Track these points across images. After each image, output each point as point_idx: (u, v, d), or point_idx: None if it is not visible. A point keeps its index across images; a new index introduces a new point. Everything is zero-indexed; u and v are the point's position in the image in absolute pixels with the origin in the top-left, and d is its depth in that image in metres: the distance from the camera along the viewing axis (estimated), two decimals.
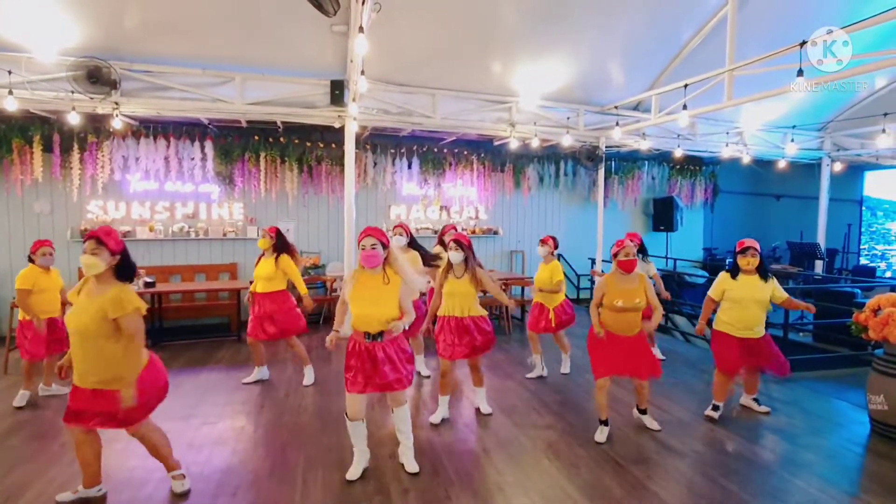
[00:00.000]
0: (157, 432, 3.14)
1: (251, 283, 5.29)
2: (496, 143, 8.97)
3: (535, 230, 10.04)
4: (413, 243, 5.36)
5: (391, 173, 8.71)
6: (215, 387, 5.16)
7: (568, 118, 7.96)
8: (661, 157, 10.44)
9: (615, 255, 3.99)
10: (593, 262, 9.26)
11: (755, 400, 4.67)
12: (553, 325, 5.36)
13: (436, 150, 9.05)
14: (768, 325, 4.39)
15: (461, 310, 4.21)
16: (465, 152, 9.20)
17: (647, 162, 10.44)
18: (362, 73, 5.05)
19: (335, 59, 6.46)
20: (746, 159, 9.42)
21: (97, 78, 5.74)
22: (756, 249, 4.25)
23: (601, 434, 3.99)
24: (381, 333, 3.23)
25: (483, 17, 6.01)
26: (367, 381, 3.24)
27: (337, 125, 7.00)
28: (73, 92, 5.81)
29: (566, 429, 4.21)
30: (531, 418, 4.44)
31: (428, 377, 5.53)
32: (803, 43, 4.62)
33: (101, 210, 7.62)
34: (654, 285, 5.75)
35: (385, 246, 3.29)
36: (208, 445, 3.88)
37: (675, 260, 10.52)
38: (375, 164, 8.65)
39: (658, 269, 10.08)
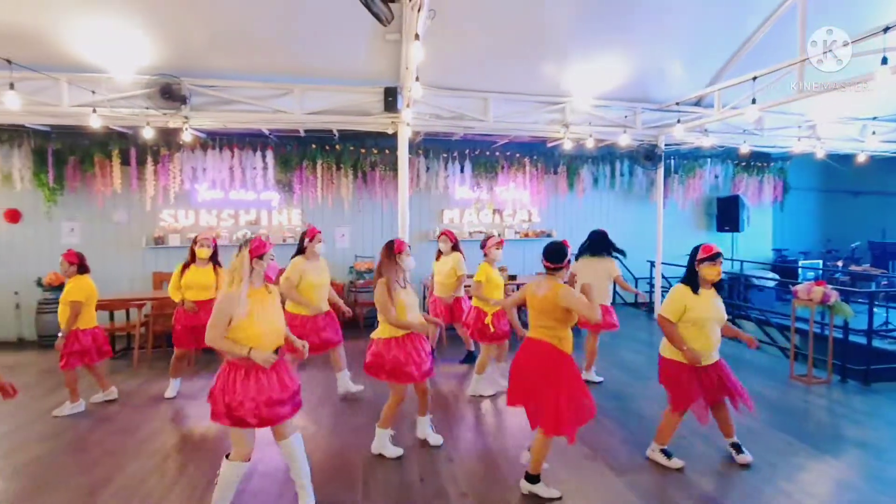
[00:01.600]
0: None
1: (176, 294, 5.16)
2: (549, 145, 8.84)
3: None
4: (456, 247, 5.76)
5: (444, 177, 8.76)
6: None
7: (626, 116, 7.72)
8: (725, 154, 9.94)
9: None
10: (652, 264, 8.94)
11: (736, 446, 3.70)
12: (491, 332, 4.94)
13: (488, 152, 9.03)
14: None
15: None
16: (518, 154, 9.12)
17: (709, 159, 9.97)
18: (416, 79, 5.10)
19: (388, 66, 6.58)
20: (820, 154, 8.80)
21: (169, 94, 6.11)
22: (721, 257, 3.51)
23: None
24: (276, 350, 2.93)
25: (534, 17, 5.94)
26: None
27: (390, 131, 7.11)
28: (147, 108, 6.21)
29: (627, 437, 4.07)
30: (589, 425, 4.31)
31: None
32: (887, 29, 4.27)
33: (173, 218, 8.10)
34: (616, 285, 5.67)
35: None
36: (272, 444, 4.01)
37: (741, 262, 9.98)
38: (428, 168, 8.73)
39: (725, 272, 9.68)
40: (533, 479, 3.25)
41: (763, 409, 4.63)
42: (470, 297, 5.48)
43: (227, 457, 2.91)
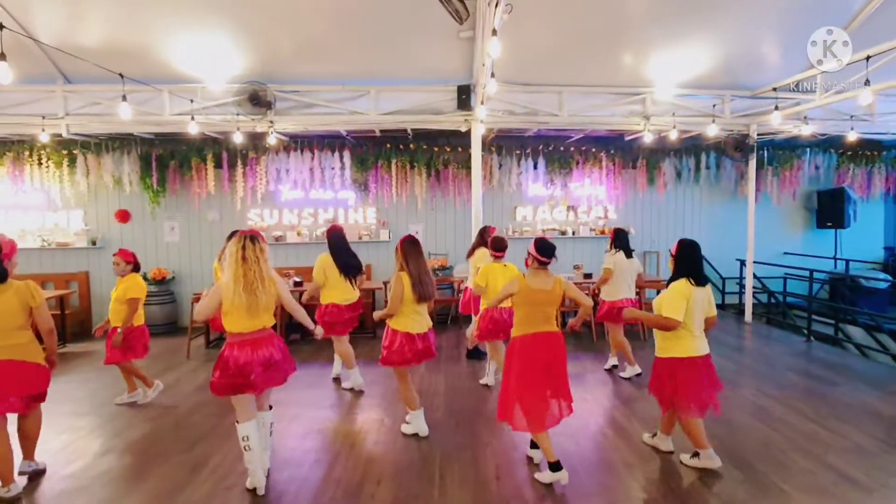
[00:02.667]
0: None
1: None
2: (628, 138, 8.47)
3: (672, 229, 9.29)
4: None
5: (517, 174, 8.65)
6: None
7: (714, 105, 7.24)
8: (828, 143, 9.04)
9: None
10: (742, 263, 8.33)
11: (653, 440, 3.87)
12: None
13: (562, 148, 8.81)
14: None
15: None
16: (594, 149, 8.82)
17: (808, 149, 9.12)
18: (492, 75, 5.06)
19: (461, 64, 6.59)
20: None
21: (257, 100, 6.49)
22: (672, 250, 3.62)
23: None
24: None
25: (611, 6, 5.70)
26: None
27: (463, 129, 7.12)
28: (237, 114, 6.64)
29: (717, 447, 3.80)
30: (675, 432, 4.08)
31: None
32: None
33: (259, 217, 8.60)
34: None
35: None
36: (352, 434, 4.16)
37: (847, 261, 9.06)
38: (501, 165, 8.66)
39: (827, 272, 8.83)
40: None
41: (875, 425, 4.17)
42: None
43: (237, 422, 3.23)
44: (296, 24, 5.87)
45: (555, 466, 3.28)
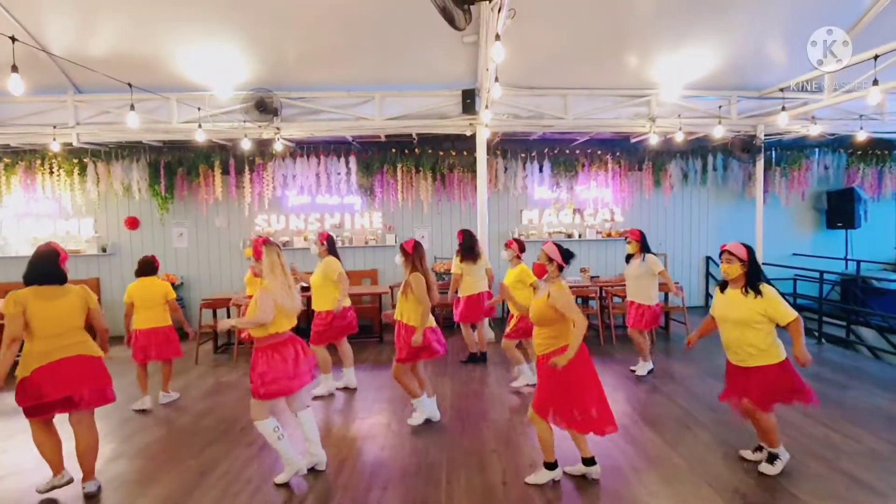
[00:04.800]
0: None
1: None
2: (633, 141, 8.44)
3: (679, 231, 9.25)
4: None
5: (522, 177, 8.65)
6: (362, 384, 5.52)
7: (720, 107, 7.20)
8: (837, 143, 8.96)
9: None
10: None
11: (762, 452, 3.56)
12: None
13: (567, 151, 8.80)
14: None
15: (399, 314, 4.30)
16: (599, 152, 8.80)
17: (817, 149, 9.04)
18: (496, 79, 5.08)
19: (466, 69, 6.62)
20: None
21: (263, 107, 6.55)
22: (732, 254, 3.34)
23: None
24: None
25: (615, 8, 5.70)
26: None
27: (469, 133, 7.14)
28: (244, 121, 6.71)
29: (728, 452, 3.77)
30: (684, 436, 4.06)
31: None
32: None
33: (266, 223, 8.66)
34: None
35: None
36: (359, 439, 4.17)
37: (857, 262, 8.95)
38: (506, 169, 8.67)
39: (838, 273, 8.74)
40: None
41: (888, 429, 4.12)
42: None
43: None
44: (301, 32, 5.93)
45: (588, 461, 3.38)
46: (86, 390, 3.33)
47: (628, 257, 5.72)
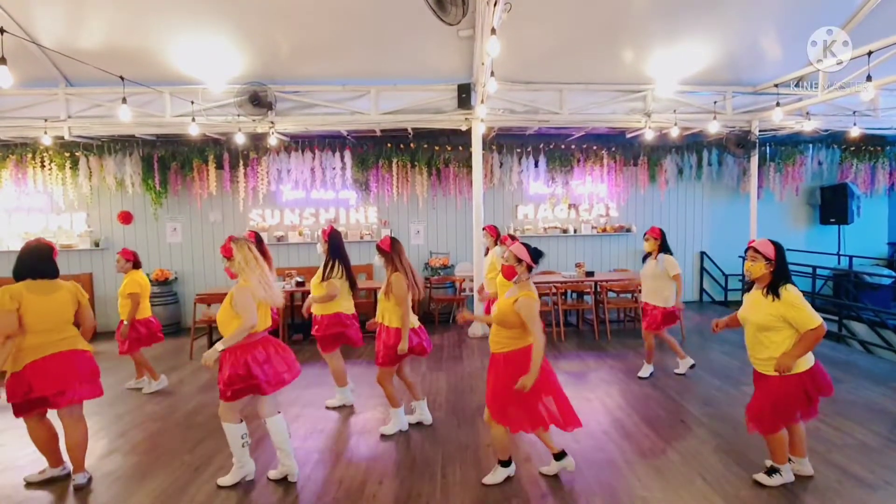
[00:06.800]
0: None
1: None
2: (629, 136, 8.46)
3: (674, 226, 9.27)
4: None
5: (517, 173, 8.64)
6: (357, 380, 5.50)
7: (715, 102, 7.22)
8: (831, 139, 9.00)
9: None
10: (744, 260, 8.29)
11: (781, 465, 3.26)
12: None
13: (563, 146, 8.80)
14: None
15: (381, 315, 4.10)
16: (595, 147, 8.80)
17: (811, 145, 9.07)
18: (492, 74, 5.06)
19: (461, 63, 6.59)
20: None
21: (257, 101, 6.51)
22: (757, 251, 3.07)
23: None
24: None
25: (611, 3, 5.69)
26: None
27: (464, 128, 7.13)
28: (238, 115, 6.66)
29: (721, 445, 3.80)
30: (678, 430, 4.09)
31: None
32: None
33: (261, 218, 8.62)
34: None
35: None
36: (355, 434, 4.17)
37: (850, 257, 9.02)
38: (502, 164, 8.65)
39: (830, 268, 8.80)
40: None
41: (879, 422, 4.15)
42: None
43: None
44: (296, 25, 5.88)
45: (558, 456, 3.36)
46: (77, 385, 3.32)
47: (645, 256, 5.47)
